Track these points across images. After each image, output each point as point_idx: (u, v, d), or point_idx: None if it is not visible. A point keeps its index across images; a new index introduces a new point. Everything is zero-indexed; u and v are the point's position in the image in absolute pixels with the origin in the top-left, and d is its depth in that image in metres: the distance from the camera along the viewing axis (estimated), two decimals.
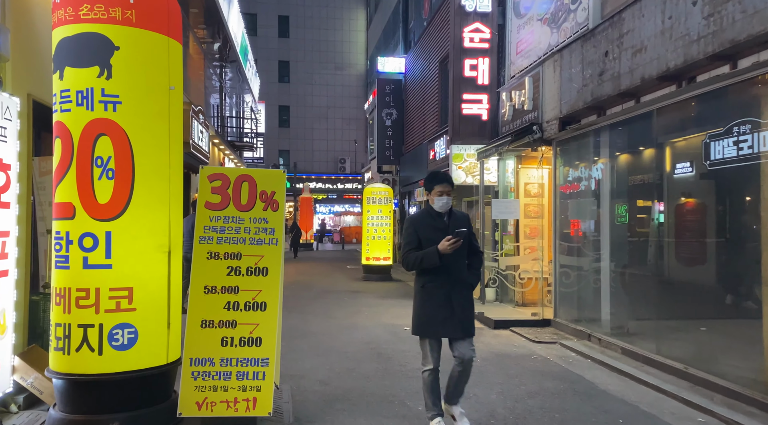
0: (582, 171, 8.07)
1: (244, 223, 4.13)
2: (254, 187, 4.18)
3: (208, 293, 4.02)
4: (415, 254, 4.00)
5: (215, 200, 4.13)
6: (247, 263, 4.08)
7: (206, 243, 4.07)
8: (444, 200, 4.08)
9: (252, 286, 4.06)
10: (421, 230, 4.07)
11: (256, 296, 4.05)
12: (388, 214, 14.99)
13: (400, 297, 11.51)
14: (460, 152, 10.46)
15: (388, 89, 20.12)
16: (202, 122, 11.01)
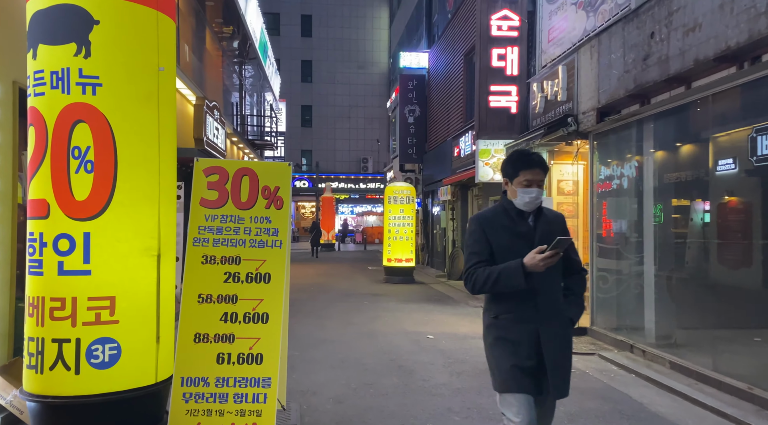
0: (622, 166, 7.40)
1: (243, 223, 3.62)
2: (256, 182, 3.66)
3: (203, 303, 3.52)
4: (488, 270, 2.67)
5: (211, 196, 3.63)
6: (246, 269, 3.57)
7: (201, 246, 3.57)
8: (533, 193, 2.72)
9: (252, 295, 3.54)
10: (495, 236, 2.74)
11: (257, 306, 3.54)
12: (411, 214, 14.43)
13: (422, 301, 10.94)
14: (487, 147, 9.84)
15: (410, 85, 19.54)
16: (218, 118, 10.60)
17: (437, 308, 10.13)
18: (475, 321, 8.87)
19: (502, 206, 2.83)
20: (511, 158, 2.86)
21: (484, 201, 13.08)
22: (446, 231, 16.39)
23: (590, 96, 7.56)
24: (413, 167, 20.92)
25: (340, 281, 14.55)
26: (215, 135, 10.37)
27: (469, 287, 2.75)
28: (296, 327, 8.12)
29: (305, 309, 9.71)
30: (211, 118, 9.95)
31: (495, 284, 2.64)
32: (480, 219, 2.84)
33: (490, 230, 2.76)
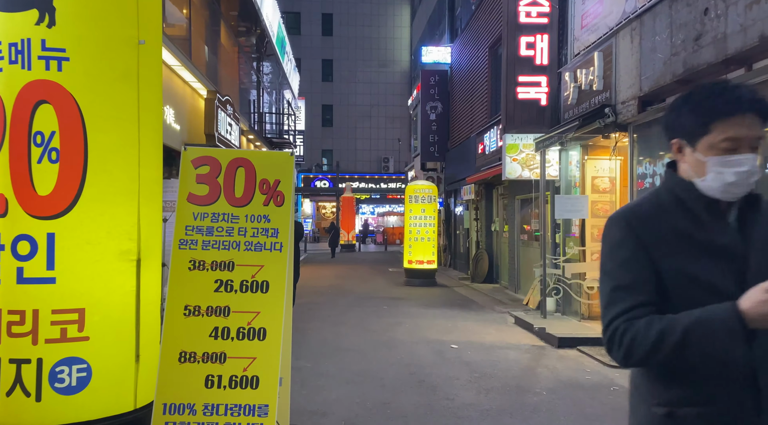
0: (669, 160, 6.72)
1: (238, 222, 3.09)
2: (252, 174, 3.14)
3: (190, 316, 3.00)
4: (657, 324, 1.36)
5: (201, 191, 3.11)
6: (241, 276, 3.04)
7: (188, 249, 3.05)
8: (745, 164, 1.41)
9: (247, 306, 3.01)
10: (665, 252, 1.43)
11: (253, 320, 3.01)
12: (433, 214, 13.83)
13: (445, 306, 10.34)
14: (515, 141, 9.20)
15: (432, 81, 18.93)
16: (231, 114, 10.15)
17: (461, 314, 9.53)
18: (501, 328, 8.25)
19: (670, 193, 1.51)
20: (692, 97, 1.47)
21: (510, 201, 12.42)
22: (470, 232, 15.75)
23: (630, 84, 6.89)
24: (435, 165, 20.31)
25: (358, 283, 14.02)
26: (228, 131, 9.93)
27: (619, 356, 1.40)
28: (311, 333, 7.60)
29: (321, 314, 9.20)
30: (223, 113, 9.50)
31: (677, 351, 1.32)
32: (630, 219, 1.49)
33: (655, 240, 1.43)
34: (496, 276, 13.88)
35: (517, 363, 6.23)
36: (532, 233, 11.19)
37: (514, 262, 12.06)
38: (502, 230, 13.48)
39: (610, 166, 8.39)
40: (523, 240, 11.82)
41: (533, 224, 11.29)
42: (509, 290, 12.34)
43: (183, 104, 8.64)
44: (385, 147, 44.81)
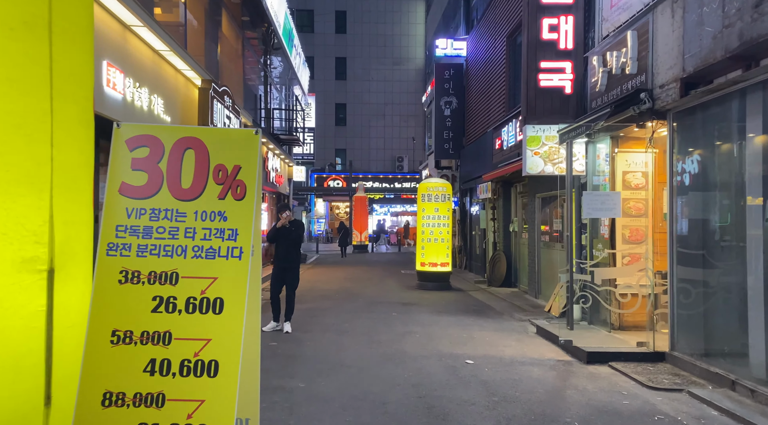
0: (713, 152, 5.88)
1: (185, 220, 2.37)
2: (205, 158, 2.41)
3: (119, 344, 2.28)
4: None
5: (138, 180, 2.40)
6: (188, 292, 2.32)
7: (119, 255, 2.34)
8: None
9: (195, 332, 2.29)
10: None
11: (202, 349, 2.28)
12: (447, 213, 13.04)
13: (460, 313, 9.55)
14: (537, 134, 8.39)
15: (447, 75, 18.13)
16: (230, 106, 9.48)
17: (477, 322, 8.74)
18: (522, 339, 7.45)
19: None
20: None
21: (529, 199, 11.59)
22: (486, 232, 14.92)
23: (671, 64, 6.05)
24: (450, 163, 19.49)
25: (368, 286, 13.28)
26: (226, 125, 9.25)
27: None
28: (309, 345, 6.87)
29: (325, 322, 8.48)
30: (220, 104, 8.82)
31: None
32: None
33: None
34: (514, 280, 13.05)
35: (541, 383, 5.44)
36: (554, 234, 10.36)
37: (534, 265, 11.23)
38: (521, 231, 12.65)
39: (643, 159, 7.55)
40: (544, 241, 10.99)
41: (555, 224, 10.46)
42: (529, 295, 11.52)
43: (175, 94, 7.98)
44: (399, 146, 44.16)
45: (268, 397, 4.73)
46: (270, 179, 15.99)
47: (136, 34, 6.51)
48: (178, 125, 2.43)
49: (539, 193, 10.96)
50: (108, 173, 2.38)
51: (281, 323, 7.75)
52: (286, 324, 7.67)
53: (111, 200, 2.36)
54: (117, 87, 5.98)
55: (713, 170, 5.91)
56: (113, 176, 2.38)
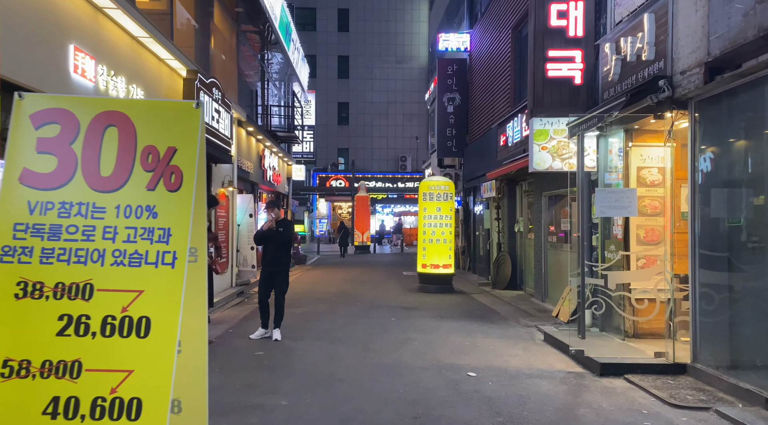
0: (741, 144, 5.33)
1: (104, 217, 1.87)
2: (131, 137, 1.91)
3: (12, 378, 1.77)
4: None
5: (44, 166, 1.90)
6: (104, 309, 1.81)
7: (16, 262, 1.83)
8: None
9: (112, 361, 1.78)
10: None
11: (120, 385, 1.76)
12: (449, 213, 12.50)
13: (462, 318, 9.01)
14: (544, 127, 7.84)
15: (450, 70, 17.59)
16: (218, 99, 8.98)
17: (481, 328, 8.20)
18: (529, 347, 6.92)
19: None
20: None
21: (536, 198, 11.04)
22: (490, 233, 14.37)
23: (694, 48, 5.51)
24: (453, 161, 18.97)
25: (368, 289, 12.76)
26: (215, 119, 8.75)
27: None
28: (299, 356, 6.36)
29: (319, 328, 7.96)
30: (207, 97, 8.32)
31: None
32: None
33: None
34: (520, 282, 12.50)
35: (551, 400, 4.91)
36: (561, 235, 9.81)
37: (540, 267, 10.69)
38: (527, 231, 12.10)
39: (659, 154, 7.00)
40: (551, 242, 10.45)
41: (563, 223, 9.91)
42: (535, 299, 10.97)
43: (158, 85, 7.49)
44: (402, 146, 43.72)
45: (243, 419, 4.22)
46: (267, 177, 15.50)
47: (111, 17, 6.02)
48: (98, 97, 1.99)
49: (546, 191, 10.42)
50: (5, 157, 1.87)
51: (270, 330, 7.24)
52: (275, 331, 7.17)
53: (8, 191, 1.85)
54: (87, 74, 5.48)
55: (740, 164, 5.37)
56: (12, 160, 1.87)
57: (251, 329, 7.52)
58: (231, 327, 8.02)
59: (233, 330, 7.82)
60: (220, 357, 6.18)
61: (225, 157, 9.65)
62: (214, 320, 8.44)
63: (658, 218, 7.02)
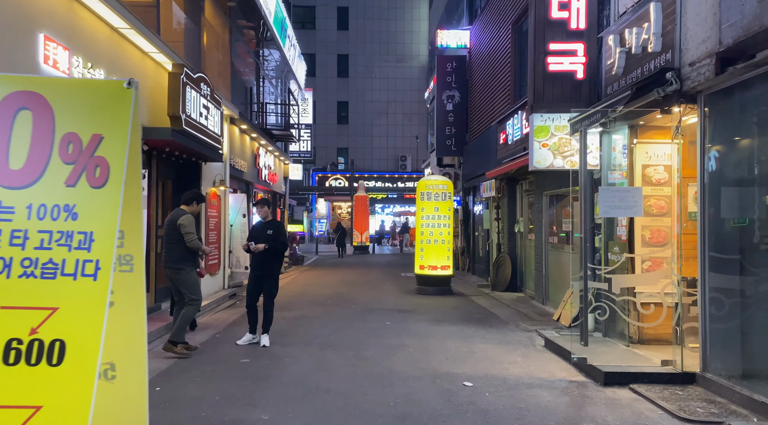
0: (755, 140, 5.01)
1: (12, 219, 1.55)
2: (48, 123, 1.59)
3: None
4: None
5: None
6: (8, 331, 1.49)
7: None
8: None
9: (17, 395, 1.46)
10: None
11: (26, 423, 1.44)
12: (447, 212, 12.19)
13: (460, 321, 8.69)
14: (545, 123, 7.52)
15: (449, 67, 17.27)
16: (207, 94, 8.66)
17: (479, 332, 7.89)
18: (529, 354, 6.60)
19: None
20: None
21: (536, 197, 10.73)
22: (490, 233, 14.05)
23: (704, 37, 5.19)
24: (452, 160, 18.65)
25: (364, 291, 12.44)
26: (203, 115, 8.44)
27: None
28: (287, 364, 6.04)
29: (310, 333, 7.64)
30: (195, 92, 8.01)
31: None
32: None
33: None
34: (520, 284, 12.18)
35: (552, 413, 4.59)
36: (563, 235, 9.50)
37: (541, 268, 10.37)
38: (527, 232, 11.79)
39: (665, 151, 6.68)
40: (552, 243, 10.13)
41: (564, 224, 9.60)
42: (535, 301, 10.65)
43: (141, 79, 7.17)
44: (402, 145, 43.46)
45: None
46: (262, 176, 15.19)
47: (87, 6, 5.71)
48: (9, 74, 1.74)
49: (547, 190, 10.10)
50: None
51: (258, 335, 6.93)
52: (263, 337, 6.85)
53: None
54: (59, 65, 5.17)
55: (753, 161, 5.05)
56: None
57: (239, 334, 7.21)
58: (218, 331, 7.71)
59: (220, 334, 7.51)
60: (203, 364, 5.87)
61: (214, 155, 9.34)
62: (202, 324, 8.13)
63: (665, 219, 6.70)
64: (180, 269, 6.10)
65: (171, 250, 6.14)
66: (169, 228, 6.17)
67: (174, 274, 6.13)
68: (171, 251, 6.13)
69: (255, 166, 14.53)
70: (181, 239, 6.07)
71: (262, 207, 7.18)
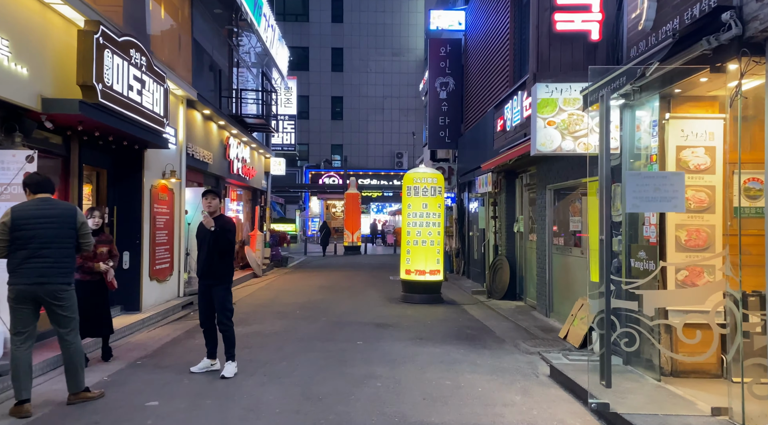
0: None
1: None
2: None
3: None
4: None
5: None
6: None
7: None
8: None
9: None
10: None
11: None
12: (438, 210, 10.69)
13: (448, 340, 7.18)
14: (551, 95, 6.00)
15: (443, 52, 15.77)
16: (143, 64, 7.16)
17: (469, 356, 6.39)
18: (530, 389, 5.10)
19: None
20: None
21: (539, 192, 9.22)
22: (486, 233, 12.54)
23: None
24: (447, 154, 17.15)
25: (343, 299, 10.94)
26: (135, 89, 6.93)
27: None
28: (209, 408, 4.52)
29: (258, 359, 6.14)
30: (120, 59, 6.51)
31: None
32: None
33: None
34: (519, 291, 10.69)
35: None
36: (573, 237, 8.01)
37: (544, 274, 8.87)
38: (528, 232, 10.29)
39: (707, 128, 5.19)
40: (557, 245, 8.64)
41: (572, 222, 8.11)
42: (537, 312, 9.16)
43: (41, 36, 5.69)
44: (398, 142, 42.13)
45: None
46: (234, 170, 13.68)
47: None
48: None
49: (552, 183, 8.60)
50: None
51: (221, 362, 5.50)
52: (227, 366, 5.40)
53: None
54: None
55: None
56: None
57: (173, 357, 5.74)
58: (145, 354, 6.20)
59: (146, 360, 6.00)
60: (88, 415, 4.36)
61: (157, 140, 7.85)
62: (131, 344, 6.64)
63: (705, 215, 5.20)
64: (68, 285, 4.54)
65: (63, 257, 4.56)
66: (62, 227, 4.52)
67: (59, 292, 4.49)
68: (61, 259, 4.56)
69: (225, 158, 13.03)
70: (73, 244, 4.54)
71: (209, 199, 5.65)
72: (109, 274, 5.73)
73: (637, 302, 4.33)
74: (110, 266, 5.75)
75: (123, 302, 8.11)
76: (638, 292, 4.37)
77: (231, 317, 5.54)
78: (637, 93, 5.36)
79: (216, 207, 5.65)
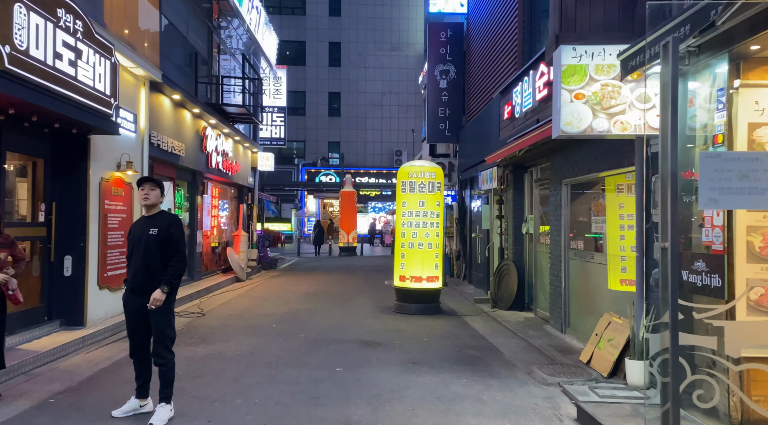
0: None
1: None
2: None
3: None
4: None
5: None
6: None
7: None
8: None
9: None
10: None
11: None
12: (435, 208, 9.42)
13: (447, 365, 5.91)
14: (580, 61, 4.71)
15: (443, 37, 14.51)
16: (77, 30, 5.91)
17: (473, 387, 5.12)
18: None
19: None
20: None
21: (553, 188, 7.95)
22: (490, 235, 11.27)
23: None
24: (447, 149, 15.91)
25: (329, 308, 9.68)
26: (67, 59, 5.67)
27: None
28: None
29: (204, 393, 4.87)
30: (42, 19, 5.25)
31: None
32: None
33: None
34: (528, 301, 9.43)
35: None
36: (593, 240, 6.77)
37: (559, 282, 7.62)
38: (539, 234, 9.03)
39: None
40: (575, 249, 7.39)
41: (594, 224, 6.86)
42: (550, 327, 7.90)
43: None
44: (398, 139, 40.95)
45: None
46: (213, 164, 12.42)
47: None
48: None
49: (568, 178, 7.34)
50: None
51: (154, 402, 4.23)
52: (159, 409, 4.12)
53: None
54: None
55: None
56: None
57: (100, 391, 4.48)
58: (67, 388, 4.93)
59: (63, 396, 4.73)
60: None
61: (103, 123, 6.59)
62: (57, 372, 5.38)
63: None
64: None
65: None
66: None
67: None
68: None
69: (202, 150, 11.77)
70: None
71: (147, 190, 4.38)
72: (11, 284, 4.48)
73: (716, 337, 3.05)
74: (10, 274, 4.49)
75: (62, 316, 6.86)
76: (717, 323, 3.08)
77: (171, 347, 4.27)
78: (693, 55, 4.10)
79: (156, 200, 4.38)
